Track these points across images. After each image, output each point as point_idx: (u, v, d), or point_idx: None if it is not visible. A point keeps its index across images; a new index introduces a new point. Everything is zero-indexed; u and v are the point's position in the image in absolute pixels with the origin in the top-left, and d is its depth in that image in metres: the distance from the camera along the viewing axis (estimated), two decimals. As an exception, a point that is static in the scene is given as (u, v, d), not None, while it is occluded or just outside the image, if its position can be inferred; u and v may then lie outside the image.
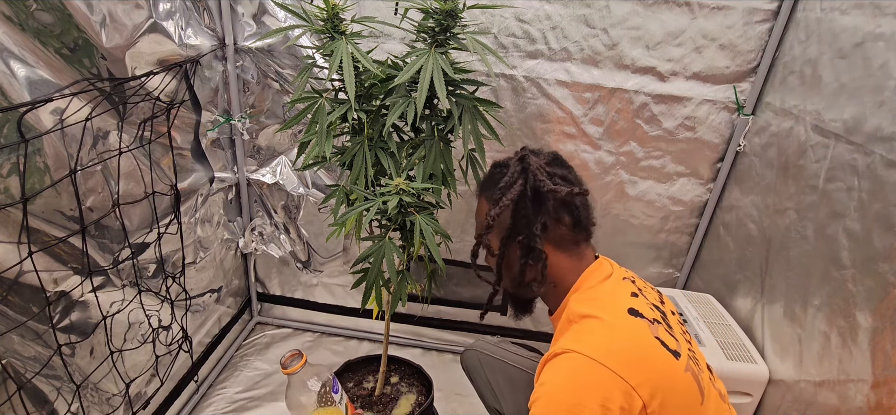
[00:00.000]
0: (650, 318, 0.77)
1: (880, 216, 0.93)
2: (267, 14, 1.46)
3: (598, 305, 0.78)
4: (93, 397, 1.14)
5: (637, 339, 0.73)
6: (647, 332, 0.74)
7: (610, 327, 0.74)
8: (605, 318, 0.75)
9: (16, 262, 0.87)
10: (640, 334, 0.73)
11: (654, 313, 0.79)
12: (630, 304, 0.78)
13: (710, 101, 1.45)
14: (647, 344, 0.72)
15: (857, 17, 1.08)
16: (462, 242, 1.71)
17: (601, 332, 0.74)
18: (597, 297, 0.81)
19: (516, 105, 1.50)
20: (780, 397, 1.17)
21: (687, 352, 0.77)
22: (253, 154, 1.68)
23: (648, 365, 0.70)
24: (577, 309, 0.79)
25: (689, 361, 0.75)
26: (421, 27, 1.02)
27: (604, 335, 0.73)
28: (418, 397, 1.34)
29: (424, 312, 1.83)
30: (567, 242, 0.84)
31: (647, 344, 0.72)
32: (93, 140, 1.04)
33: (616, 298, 0.79)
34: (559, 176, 0.84)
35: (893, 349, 0.86)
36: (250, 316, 1.95)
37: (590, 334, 0.74)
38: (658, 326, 0.76)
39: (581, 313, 0.78)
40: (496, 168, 0.90)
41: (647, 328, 0.74)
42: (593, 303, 0.79)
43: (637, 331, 0.74)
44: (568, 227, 0.83)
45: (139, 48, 1.14)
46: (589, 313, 0.77)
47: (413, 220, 1.03)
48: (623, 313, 0.76)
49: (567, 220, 0.83)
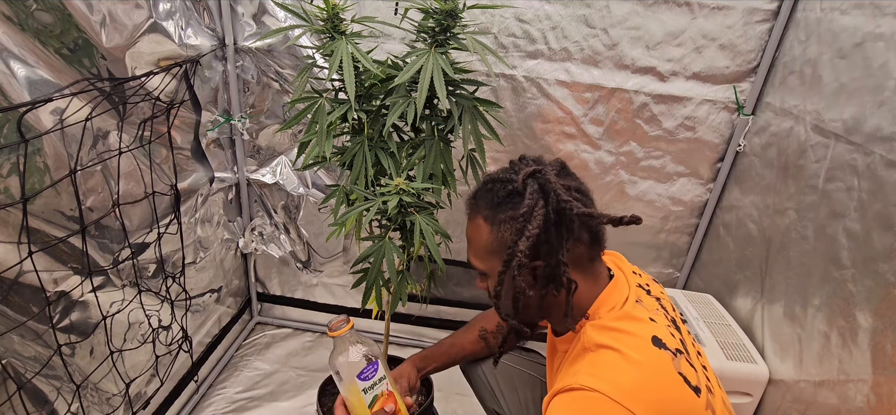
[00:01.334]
0: (673, 348, 0.71)
1: (880, 216, 0.93)
2: (267, 14, 1.46)
3: (618, 335, 0.72)
4: (93, 397, 1.14)
5: (661, 379, 0.68)
6: (670, 368, 0.68)
7: (634, 366, 0.67)
8: (626, 352, 0.69)
9: (16, 262, 0.87)
10: (664, 372, 0.68)
11: (674, 337, 0.74)
12: (653, 331, 0.72)
13: (710, 102, 1.45)
14: (670, 383, 0.68)
15: (857, 17, 1.08)
16: (462, 242, 1.69)
17: (624, 370, 0.67)
18: (617, 326, 0.74)
19: (516, 105, 1.50)
20: (780, 397, 1.17)
21: (704, 381, 0.72)
22: (253, 154, 1.68)
23: (674, 409, 0.66)
24: (595, 338, 0.72)
25: (708, 394, 0.71)
26: (421, 27, 1.02)
27: (627, 374, 0.67)
28: (418, 397, 1.34)
29: (424, 312, 1.83)
30: (584, 261, 0.78)
31: (670, 383, 0.68)
32: (93, 140, 1.04)
33: (637, 326, 0.73)
34: (575, 190, 0.76)
35: (893, 349, 0.86)
36: (250, 316, 1.95)
37: (612, 370, 0.67)
38: (680, 356, 0.71)
39: (599, 343, 0.71)
40: (494, 184, 0.79)
41: (670, 363, 0.69)
42: (613, 333, 0.72)
43: (660, 368, 0.68)
44: (586, 245, 0.76)
45: (139, 48, 1.14)
46: (609, 344, 0.70)
47: (413, 220, 1.03)
48: (647, 345, 0.70)
49: (586, 238, 0.76)
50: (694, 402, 0.68)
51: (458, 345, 1.17)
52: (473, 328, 1.17)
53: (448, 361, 1.18)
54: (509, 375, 1.13)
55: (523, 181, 0.74)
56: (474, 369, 1.17)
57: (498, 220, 0.76)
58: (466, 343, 1.16)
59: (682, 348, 0.73)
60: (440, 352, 1.17)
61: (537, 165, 0.77)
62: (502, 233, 0.76)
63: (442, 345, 1.18)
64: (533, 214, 0.72)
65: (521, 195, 0.74)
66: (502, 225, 0.76)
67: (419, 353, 1.19)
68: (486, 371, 1.15)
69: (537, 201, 0.73)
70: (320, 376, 1.37)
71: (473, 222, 0.81)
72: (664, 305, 0.82)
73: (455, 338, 1.19)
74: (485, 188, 0.81)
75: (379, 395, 0.86)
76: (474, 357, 1.17)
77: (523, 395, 1.11)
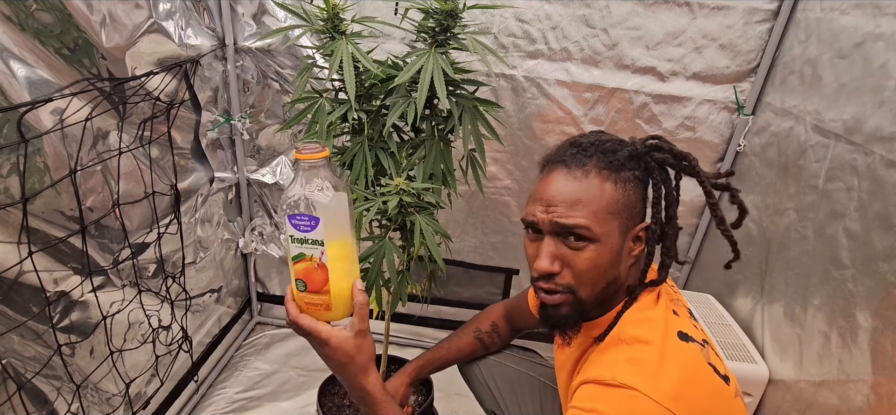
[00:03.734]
0: (699, 339, 0.70)
1: (880, 216, 0.93)
2: (267, 14, 1.46)
3: (652, 326, 0.70)
4: (93, 397, 1.14)
5: (698, 376, 0.66)
6: (702, 362, 0.67)
7: (674, 365, 0.65)
8: (659, 342, 0.67)
9: (16, 262, 0.87)
10: (700, 369, 0.66)
11: (697, 328, 0.73)
12: (678, 326, 0.71)
13: (710, 102, 1.45)
14: (706, 379, 0.67)
15: (857, 17, 1.08)
16: (462, 242, 1.71)
17: (664, 370, 0.64)
18: (651, 317, 0.72)
19: (516, 105, 1.50)
20: (780, 397, 1.17)
21: (730, 372, 0.72)
22: (253, 154, 1.68)
23: (711, 405, 0.66)
24: (630, 330, 0.70)
25: (736, 383, 0.71)
26: (421, 27, 1.02)
27: (668, 375, 0.64)
28: (418, 397, 1.34)
29: (424, 312, 1.83)
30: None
31: (706, 379, 0.67)
32: (93, 140, 1.04)
33: (669, 321, 0.71)
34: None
35: (893, 349, 0.86)
36: (250, 316, 1.95)
37: (652, 369, 0.64)
38: (707, 348, 0.70)
39: (634, 336, 0.69)
40: (603, 143, 0.73)
41: (699, 355, 0.67)
42: (647, 324, 0.71)
43: (696, 365, 0.67)
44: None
45: (139, 48, 1.14)
46: (643, 337, 0.68)
47: (413, 220, 1.03)
48: (674, 339, 0.68)
49: None
50: (725, 391, 0.68)
51: (454, 348, 1.17)
52: (469, 331, 1.17)
53: (445, 364, 1.17)
54: (507, 375, 1.13)
55: (644, 145, 0.74)
56: (472, 370, 1.17)
57: (622, 179, 0.70)
58: (463, 346, 1.16)
59: (706, 338, 0.73)
60: (436, 358, 1.17)
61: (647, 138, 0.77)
62: (628, 192, 0.70)
63: (437, 350, 1.17)
64: (669, 178, 0.74)
65: (639, 158, 0.74)
66: (627, 184, 0.71)
67: (414, 362, 1.18)
68: (484, 372, 1.15)
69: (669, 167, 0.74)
70: (320, 376, 1.37)
71: (586, 181, 0.70)
72: (677, 294, 0.82)
73: (451, 342, 1.18)
74: (596, 148, 0.73)
75: (306, 256, 0.67)
76: (471, 358, 1.17)
77: (521, 395, 1.11)
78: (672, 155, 0.74)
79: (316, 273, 0.67)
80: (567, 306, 0.73)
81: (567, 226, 0.68)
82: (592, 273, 0.70)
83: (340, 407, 1.31)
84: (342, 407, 1.31)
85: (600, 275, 0.71)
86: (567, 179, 0.70)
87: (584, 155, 0.71)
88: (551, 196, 0.70)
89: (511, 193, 1.63)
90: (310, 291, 0.69)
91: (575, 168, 0.70)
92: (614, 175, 0.70)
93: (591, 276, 0.70)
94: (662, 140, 0.75)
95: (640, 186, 0.73)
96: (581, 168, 0.70)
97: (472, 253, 1.74)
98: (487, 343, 1.15)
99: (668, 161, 0.74)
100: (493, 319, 1.16)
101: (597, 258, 0.69)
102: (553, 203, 0.70)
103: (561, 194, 0.70)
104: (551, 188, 0.71)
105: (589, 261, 0.69)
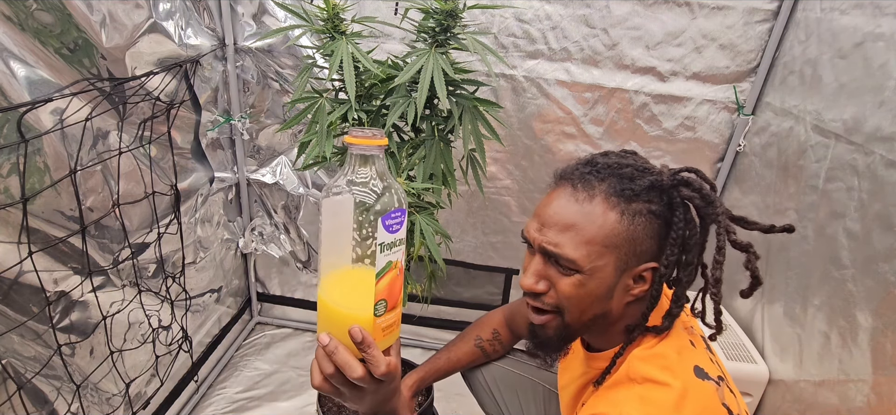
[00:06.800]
0: (715, 376, 0.66)
1: (880, 216, 0.93)
2: (267, 14, 1.46)
3: (665, 364, 0.65)
4: (93, 397, 1.14)
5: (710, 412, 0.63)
6: (716, 402, 0.63)
7: (685, 408, 0.61)
8: (675, 385, 0.62)
9: (16, 262, 0.87)
10: (712, 406, 0.63)
11: (713, 361, 0.69)
12: (695, 360, 0.66)
13: (710, 101, 1.45)
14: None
15: (857, 17, 1.08)
16: (462, 242, 1.71)
17: (676, 410, 0.61)
18: (663, 353, 0.67)
19: (516, 105, 1.50)
20: (780, 397, 1.17)
21: (743, 405, 0.69)
22: (253, 154, 1.68)
23: None
24: (640, 368, 0.65)
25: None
26: (421, 27, 1.02)
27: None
28: (418, 397, 1.34)
29: (424, 312, 1.83)
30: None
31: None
32: (93, 140, 1.04)
33: (682, 357, 0.66)
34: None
35: (893, 349, 0.86)
36: (250, 316, 1.95)
37: (663, 409, 0.61)
38: (722, 384, 0.66)
39: (645, 375, 0.64)
40: (622, 168, 0.67)
41: (714, 395, 0.63)
42: (659, 362, 0.66)
43: (708, 402, 0.63)
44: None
45: (139, 48, 1.14)
46: (656, 377, 0.63)
47: (413, 220, 1.03)
48: (690, 376, 0.64)
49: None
50: None
51: (453, 358, 1.15)
52: (469, 339, 1.15)
53: (445, 375, 1.16)
54: (510, 380, 1.13)
55: (672, 178, 0.66)
56: (474, 375, 1.16)
57: (632, 211, 0.64)
58: (463, 355, 1.15)
59: (722, 373, 0.68)
60: (436, 368, 1.15)
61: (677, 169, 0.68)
62: (635, 227, 0.64)
63: (437, 360, 1.16)
64: (688, 220, 0.65)
65: (663, 191, 0.66)
66: (636, 218, 0.64)
67: (413, 373, 1.15)
68: (487, 377, 1.15)
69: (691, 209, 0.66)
70: (320, 376, 1.37)
71: (588, 206, 0.65)
72: (693, 321, 0.77)
73: (450, 351, 1.16)
74: (612, 171, 0.67)
75: (393, 264, 0.53)
76: (472, 366, 1.16)
77: (524, 400, 1.11)
78: (701, 196, 0.65)
79: (397, 282, 0.54)
80: (552, 328, 0.70)
81: (552, 253, 0.66)
82: (576, 301, 0.67)
83: (340, 407, 1.31)
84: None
85: (586, 306, 0.67)
86: (569, 200, 0.66)
87: (595, 176, 0.66)
88: (547, 216, 0.67)
89: (511, 193, 1.63)
90: (389, 310, 0.54)
91: (581, 190, 0.66)
92: (623, 204, 0.64)
93: (576, 303, 0.67)
94: (697, 176, 0.67)
95: (656, 221, 0.66)
96: (587, 191, 0.66)
97: (472, 253, 1.74)
98: (489, 351, 1.14)
99: (695, 201, 0.66)
100: (494, 325, 1.15)
101: (580, 289, 0.66)
102: (546, 224, 0.67)
103: (556, 216, 0.66)
104: (550, 207, 0.68)
105: (573, 288, 0.66)
